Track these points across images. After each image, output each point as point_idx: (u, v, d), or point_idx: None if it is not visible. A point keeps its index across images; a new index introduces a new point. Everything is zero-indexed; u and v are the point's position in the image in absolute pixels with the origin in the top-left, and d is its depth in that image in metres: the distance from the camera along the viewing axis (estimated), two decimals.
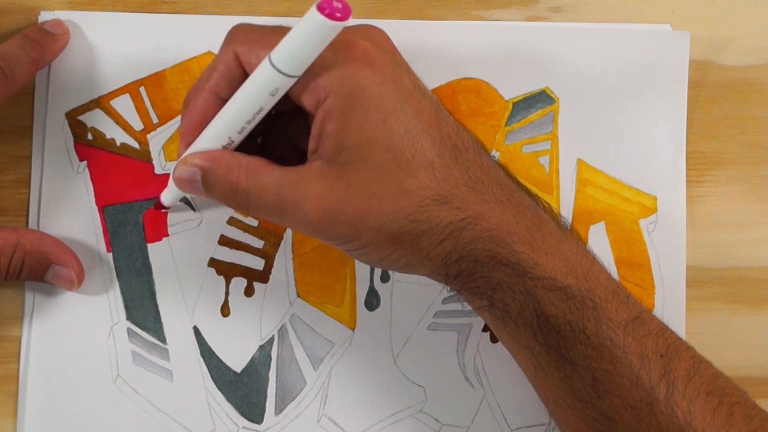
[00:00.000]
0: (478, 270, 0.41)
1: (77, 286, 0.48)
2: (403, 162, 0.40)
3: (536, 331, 0.41)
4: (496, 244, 0.41)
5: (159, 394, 0.48)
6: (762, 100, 0.52)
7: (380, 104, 0.40)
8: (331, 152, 0.40)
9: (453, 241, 0.41)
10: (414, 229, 0.41)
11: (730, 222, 0.51)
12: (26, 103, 0.50)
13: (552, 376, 0.42)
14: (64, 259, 0.47)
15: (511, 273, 0.41)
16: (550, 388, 0.42)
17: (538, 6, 0.52)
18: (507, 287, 0.41)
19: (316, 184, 0.40)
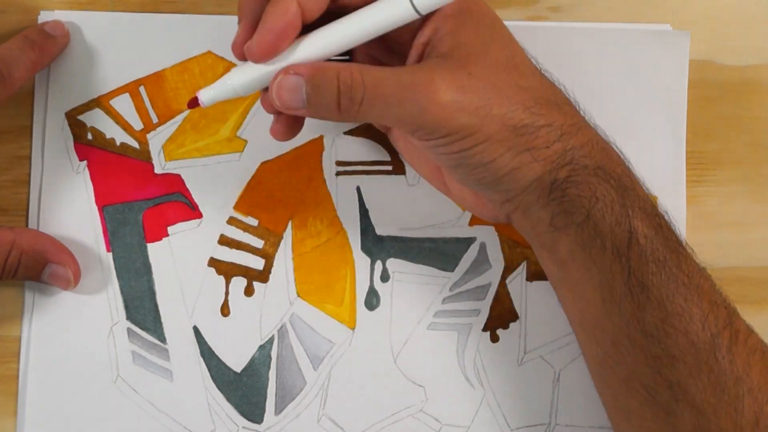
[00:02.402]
0: (584, 176, 0.42)
1: (74, 285, 0.48)
2: (516, 63, 0.42)
3: (623, 250, 0.41)
4: (604, 154, 0.42)
5: (159, 394, 0.48)
6: (762, 100, 0.52)
7: (485, 13, 0.42)
8: (447, 49, 0.41)
9: (567, 141, 0.42)
10: (534, 121, 0.41)
11: (730, 222, 0.51)
12: (26, 103, 0.50)
13: (623, 305, 0.41)
14: (60, 258, 0.47)
15: (615, 185, 0.42)
16: (616, 321, 0.42)
17: (538, 6, 0.52)
18: (609, 199, 0.41)
19: (438, 71, 0.40)
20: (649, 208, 0.42)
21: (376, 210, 0.50)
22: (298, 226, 0.50)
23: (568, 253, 0.42)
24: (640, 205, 0.41)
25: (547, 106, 0.42)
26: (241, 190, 0.50)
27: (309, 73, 0.40)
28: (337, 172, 0.50)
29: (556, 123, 0.41)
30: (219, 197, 0.50)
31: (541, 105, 0.41)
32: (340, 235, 0.50)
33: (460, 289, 0.50)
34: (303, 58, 0.41)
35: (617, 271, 0.41)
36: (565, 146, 0.42)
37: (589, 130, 0.43)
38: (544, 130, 0.41)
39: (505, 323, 0.50)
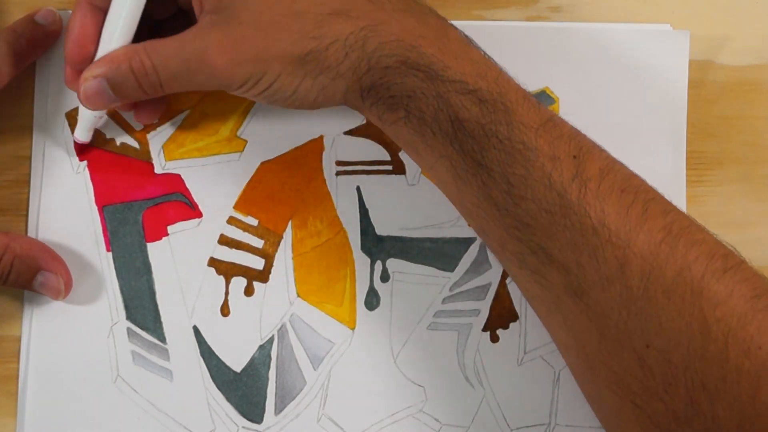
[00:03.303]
0: (390, 78, 0.41)
1: (64, 296, 0.48)
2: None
3: (452, 137, 0.41)
4: (404, 48, 0.41)
5: (159, 394, 0.48)
6: (762, 100, 0.52)
7: None
8: (215, 2, 0.42)
9: (358, 51, 0.41)
10: (316, 46, 0.41)
11: (730, 222, 0.51)
12: (26, 103, 0.50)
13: (470, 184, 0.41)
14: (53, 266, 0.47)
15: (423, 77, 0.41)
16: (471, 199, 0.42)
17: (538, 6, 0.52)
18: (420, 93, 0.41)
19: (211, 33, 0.41)
20: (464, 86, 0.41)
21: (376, 210, 0.50)
22: (298, 226, 0.50)
23: (410, 141, 0.43)
24: (454, 87, 0.41)
25: (331, 21, 0.41)
26: (241, 190, 0.50)
27: (105, 73, 0.43)
28: (337, 172, 0.50)
29: (341, 37, 0.41)
30: (219, 197, 0.50)
31: (322, 23, 0.41)
32: (340, 235, 0.50)
33: (460, 289, 0.50)
34: (105, 51, 0.44)
35: (454, 155, 0.41)
36: (358, 56, 0.41)
37: (388, 24, 0.41)
38: (331, 49, 0.41)
39: (505, 323, 0.50)
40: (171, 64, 0.42)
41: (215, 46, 0.41)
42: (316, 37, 0.41)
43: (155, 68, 0.42)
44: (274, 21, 0.41)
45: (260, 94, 0.43)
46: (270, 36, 0.41)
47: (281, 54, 0.41)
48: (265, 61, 0.41)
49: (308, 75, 0.42)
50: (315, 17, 0.41)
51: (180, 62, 0.42)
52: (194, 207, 0.50)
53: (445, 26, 0.43)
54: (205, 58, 0.41)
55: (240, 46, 0.41)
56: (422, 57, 0.41)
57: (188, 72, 0.42)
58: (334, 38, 0.41)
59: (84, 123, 0.48)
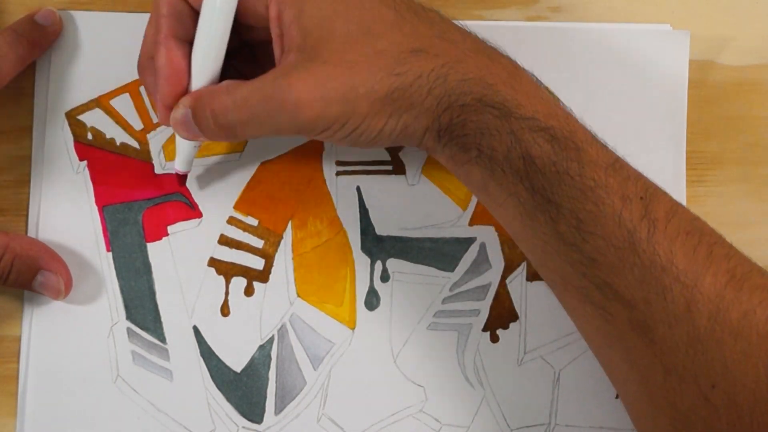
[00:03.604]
0: (466, 116, 0.42)
1: (64, 296, 0.48)
2: (368, 27, 0.41)
3: (523, 175, 0.41)
4: (480, 86, 0.41)
5: (159, 394, 0.48)
6: (762, 100, 0.52)
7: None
8: (297, 40, 0.41)
9: (441, 87, 0.41)
10: (402, 83, 0.41)
11: (730, 222, 0.51)
12: (26, 103, 0.50)
13: (538, 220, 0.42)
14: (53, 266, 0.47)
15: (498, 114, 0.41)
16: (537, 235, 0.42)
17: (538, 6, 0.52)
18: (494, 130, 0.41)
19: (295, 72, 0.41)
20: (537, 123, 0.41)
21: (376, 210, 0.50)
22: (298, 226, 0.50)
23: (480, 180, 0.43)
24: (527, 124, 0.41)
25: (412, 59, 0.41)
26: (241, 190, 0.50)
27: (191, 105, 0.42)
28: (337, 172, 0.50)
29: (424, 72, 0.41)
30: (219, 197, 0.50)
31: (404, 62, 0.41)
32: (340, 235, 0.50)
33: (460, 289, 0.50)
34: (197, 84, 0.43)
35: (523, 193, 0.42)
36: (440, 93, 0.41)
37: (464, 63, 0.42)
38: (415, 85, 0.41)
39: (505, 323, 0.50)
40: (252, 103, 0.41)
41: (301, 83, 0.40)
42: (400, 74, 0.41)
43: (235, 106, 0.41)
44: (358, 60, 0.41)
45: (347, 136, 0.42)
46: (356, 74, 0.41)
47: (368, 93, 0.41)
48: (354, 101, 0.41)
49: (394, 114, 0.42)
50: (397, 55, 0.41)
51: (261, 101, 0.41)
52: (194, 207, 0.50)
53: (516, 67, 0.43)
54: (291, 97, 0.40)
55: (327, 84, 0.40)
56: (497, 95, 0.41)
57: (270, 112, 0.41)
58: (418, 74, 0.41)
59: (182, 153, 0.47)
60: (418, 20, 0.42)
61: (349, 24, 0.41)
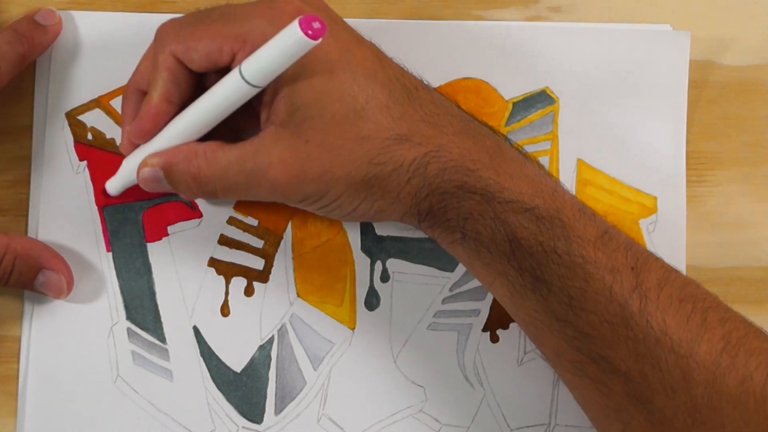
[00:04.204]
0: (447, 202, 0.42)
1: (66, 294, 0.48)
2: (358, 109, 0.41)
3: (509, 255, 0.41)
4: (462, 173, 0.41)
5: (159, 394, 0.48)
6: (762, 100, 0.52)
7: (323, 59, 0.41)
8: (283, 115, 0.41)
9: (420, 177, 0.42)
10: (380, 171, 0.41)
11: (730, 222, 0.51)
12: (26, 103, 0.50)
13: (529, 299, 0.42)
14: (54, 265, 0.47)
15: (480, 200, 0.41)
16: (528, 312, 0.42)
17: (538, 6, 0.52)
18: (478, 215, 0.41)
19: (276, 149, 0.41)
20: (522, 205, 0.41)
21: None
22: (298, 226, 0.50)
23: (467, 259, 0.44)
24: (511, 207, 0.41)
25: (395, 147, 0.41)
26: None
27: (163, 166, 0.43)
28: None
29: (405, 163, 0.41)
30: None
31: (387, 149, 0.41)
32: (340, 235, 0.50)
33: (460, 289, 0.50)
34: (165, 144, 0.44)
35: (511, 272, 0.42)
36: (419, 183, 0.42)
37: (448, 149, 0.42)
38: (393, 175, 0.42)
39: (505, 323, 0.50)
40: (230, 176, 0.42)
41: (280, 163, 0.41)
42: (380, 163, 0.41)
43: (213, 178, 0.42)
44: (339, 144, 0.41)
45: (319, 209, 0.43)
46: (335, 158, 0.41)
47: (345, 177, 0.41)
48: (329, 183, 0.41)
49: (368, 198, 0.42)
50: (380, 142, 0.41)
51: (240, 174, 0.42)
52: (194, 207, 0.50)
53: (501, 146, 0.43)
54: (268, 174, 0.41)
55: (305, 165, 0.41)
56: (479, 180, 0.41)
57: (248, 185, 0.42)
58: (398, 164, 0.41)
59: (121, 180, 0.47)
60: (408, 102, 0.42)
61: (339, 104, 0.41)
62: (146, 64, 0.45)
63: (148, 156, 0.44)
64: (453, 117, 0.43)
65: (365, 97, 0.41)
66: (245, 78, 0.40)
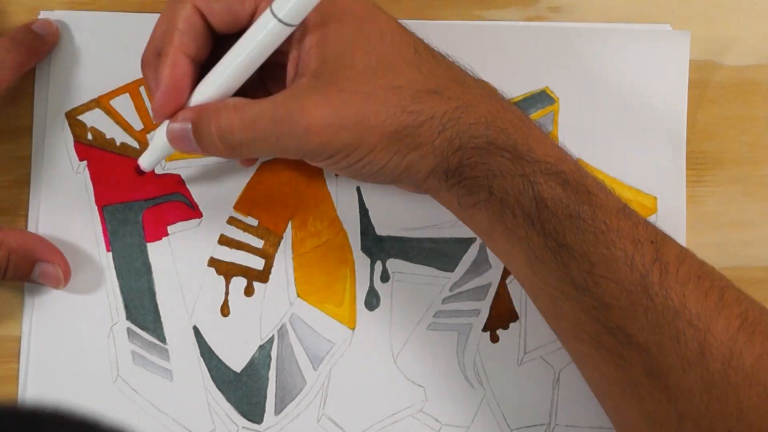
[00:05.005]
0: (477, 158, 0.42)
1: (64, 284, 0.48)
2: (387, 62, 0.41)
3: (534, 217, 0.41)
4: (493, 129, 0.41)
5: (159, 394, 0.48)
6: (762, 100, 0.52)
7: (351, 13, 0.41)
8: (315, 66, 0.41)
9: (452, 129, 0.41)
10: (414, 120, 0.41)
11: (730, 222, 0.51)
12: (26, 103, 0.50)
13: (548, 265, 0.42)
14: (50, 256, 0.47)
15: (510, 157, 0.41)
16: (547, 280, 0.42)
17: (538, 6, 0.52)
18: (506, 173, 0.41)
19: (308, 98, 0.41)
20: (550, 167, 0.41)
21: (376, 210, 0.50)
22: (298, 226, 0.50)
23: (487, 225, 0.43)
24: (540, 168, 0.41)
25: (427, 98, 0.41)
26: (241, 190, 0.50)
27: (193, 119, 0.42)
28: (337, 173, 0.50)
29: (437, 114, 0.41)
30: (219, 197, 0.50)
31: (419, 100, 0.41)
32: (340, 235, 0.50)
33: (460, 289, 0.50)
34: (200, 101, 0.42)
35: (534, 237, 0.42)
36: (451, 134, 0.41)
37: (477, 107, 0.42)
38: (426, 125, 0.41)
39: (505, 323, 0.50)
40: (260, 124, 0.40)
41: (314, 108, 0.40)
42: (414, 111, 0.41)
43: (242, 126, 0.41)
44: (373, 93, 0.41)
45: (350, 166, 0.42)
46: (369, 106, 0.41)
47: (379, 126, 0.41)
48: (363, 132, 0.41)
49: (400, 151, 0.42)
50: (413, 93, 0.41)
51: (270, 123, 0.40)
52: (194, 207, 0.50)
53: (525, 115, 0.44)
54: (302, 121, 0.40)
55: (340, 111, 0.40)
56: (509, 138, 0.41)
57: (278, 134, 0.40)
58: (431, 114, 0.41)
59: (155, 154, 0.46)
60: (435, 62, 0.43)
61: (369, 56, 0.41)
62: (161, 27, 0.44)
63: (179, 112, 0.42)
64: (478, 82, 0.43)
65: (393, 53, 0.42)
66: (277, 16, 0.40)
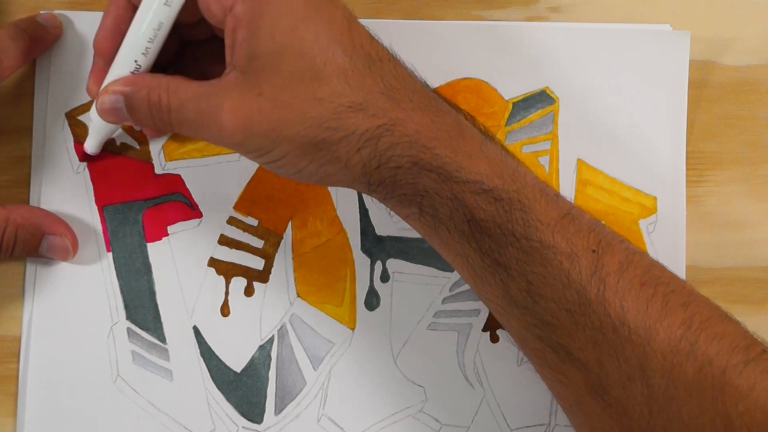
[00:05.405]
0: (401, 177, 0.41)
1: (73, 254, 0.48)
2: (315, 70, 0.40)
3: (468, 236, 0.41)
4: (417, 149, 0.40)
5: (159, 394, 0.48)
6: (762, 100, 0.52)
7: (289, 11, 0.40)
8: (243, 61, 0.40)
9: (370, 148, 0.40)
10: (330, 136, 0.40)
11: (730, 222, 0.51)
12: (26, 103, 0.50)
13: (489, 283, 0.41)
14: (56, 229, 0.47)
15: (436, 178, 0.40)
16: (490, 297, 0.42)
17: (538, 6, 0.52)
18: (434, 193, 0.40)
19: (230, 95, 0.41)
20: (479, 185, 0.40)
21: (376, 210, 0.50)
22: (298, 226, 0.50)
23: (425, 235, 0.43)
24: (469, 188, 0.40)
25: (348, 114, 0.40)
26: (241, 190, 0.50)
27: (124, 91, 0.43)
28: None
29: (357, 132, 0.40)
30: (219, 197, 0.50)
31: (339, 116, 0.40)
32: (340, 235, 0.50)
33: (460, 289, 0.50)
34: (115, 73, 0.44)
35: (471, 254, 0.41)
36: (369, 153, 0.40)
37: (404, 123, 0.40)
38: (343, 143, 0.40)
39: None
40: (186, 110, 0.41)
41: (230, 110, 0.40)
42: (331, 128, 0.40)
43: (170, 108, 0.42)
44: (292, 103, 0.40)
45: (265, 164, 0.43)
46: (286, 116, 0.40)
47: (292, 136, 0.40)
48: (275, 140, 0.40)
49: (314, 161, 0.41)
50: (334, 107, 0.40)
51: (194, 112, 0.41)
52: (194, 207, 0.50)
53: (460, 124, 0.42)
54: (218, 118, 0.40)
55: (254, 118, 0.40)
56: (435, 158, 0.40)
57: (199, 124, 0.41)
58: (349, 132, 0.40)
59: (96, 134, 0.47)
60: (368, 72, 0.41)
61: (297, 62, 0.40)
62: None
63: (108, 84, 0.43)
64: (414, 93, 0.41)
65: (324, 60, 0.40)
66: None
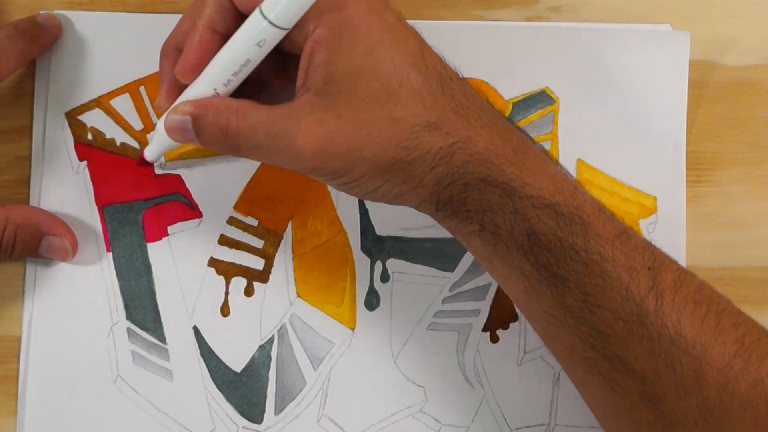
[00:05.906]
0: (468, 193, 0.42)
1: (72, 255, 0.48)
2: (391, 91, 0.41)
3: (527, 250, 0.41)
4: (486, 166, 0.41)
5: (159, 394, 0.48)
6: (762, 100, 0.52)
7: (366, 35, 0.41)
8: (320, 84, 0.41)
9: (445, 166, 0.41)
10: (406, 156, 0.41)
11: (730, 222, 0.51)
12: (26, 103, 0.50)
13: (544, 295, 0.42)
14: (56, 229, 0.47)
15: (501, 193, 0.41)
16: (543, 308, 0.42)
17: (538, 6, 0.52)
18: (498, 208, 0.41)
19: (306, 118, 0.41)
20: (542, 201, 0.41)
21: (376, 210, 0.50)
22: (298, 226, 0.50)
23: (482, 252, 0.43)
24: (531, 203, 0.41)
25: (424, 134, 0.41)
26: (241, 190, 0.50)
27: (193, 113, 0.42)
28: None
29: (432, 150, 0.41)
30: (219, 197, 0.50)
31: (416, 135, 0.41)
32: (340, 235, 0.50)
33: (460, 289, 0.50)
34: (190, 94, 0.43)
35: (528, 268, 0.42)
36: (443, 171, 0.41)
37: (475, 141, 0.41)
38: (419, 162, 0.41)
39: (505, 323, 0.50)
40: (257, 136, 0.41)
41: (308, 133, 0.40)
42: (408, 147, 0.41)
43: (239, 133, 0.41)
44: (370, 123, 0.41)
45: (342, 186, 0.43)
46: (364, 137, 0.41)
47: (371, 158, 0.41)
48: (354, 161, 0.41)
49: (390, 180, 0.42)
50: (410, 127, 0.41)
51: (266, 137, 0.41)
52: (194, 207, 0.50)
53: (525, 142, 0.43)
54: (294, 143, 0.41)
55: (333, 140, 0.40)
56: (501, 174, 0.41)
57: (272, 149, 0.41)
58: (425, 151, 0.41)
59: (158, 144, 0.46)
60: (441, 92, 0.42)
61: (374, 83, 0.41)
62: (186, 22, 0.44)
63: (179, 103, 0.43)
64: (482, 111, 0.43)
65: (399, 81, 0.41)
66: (267, 17, 0.40)
